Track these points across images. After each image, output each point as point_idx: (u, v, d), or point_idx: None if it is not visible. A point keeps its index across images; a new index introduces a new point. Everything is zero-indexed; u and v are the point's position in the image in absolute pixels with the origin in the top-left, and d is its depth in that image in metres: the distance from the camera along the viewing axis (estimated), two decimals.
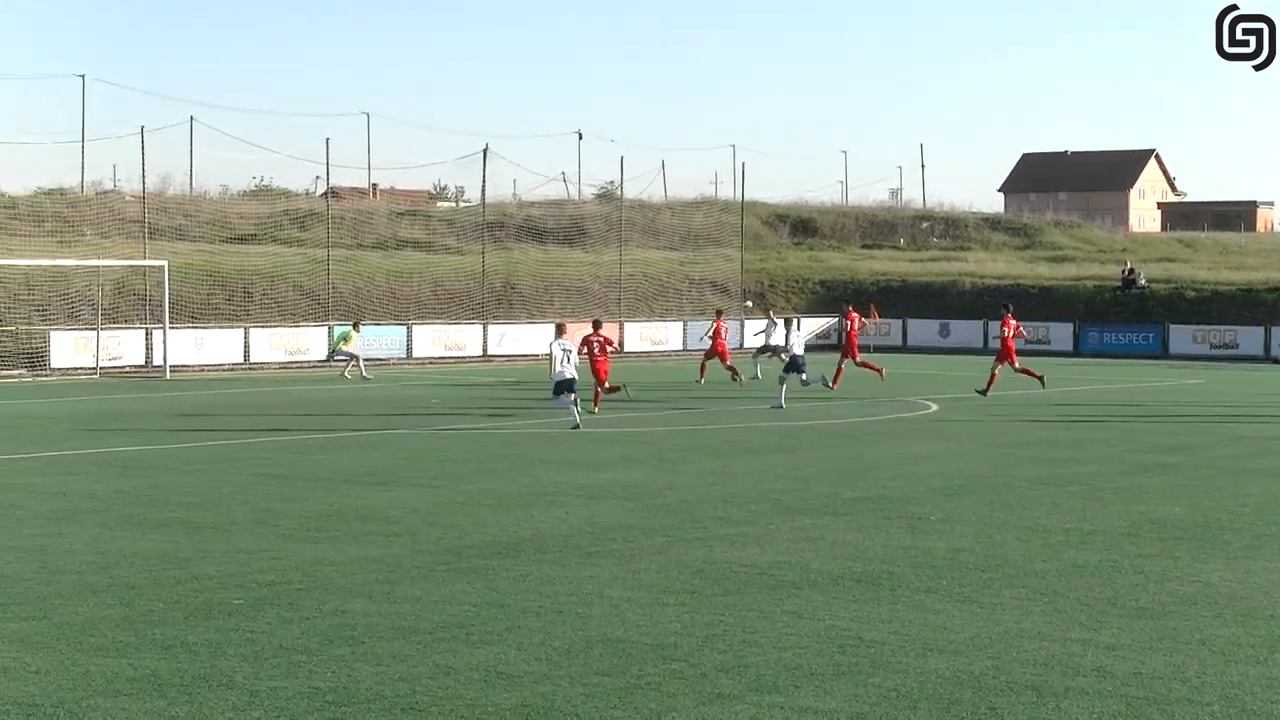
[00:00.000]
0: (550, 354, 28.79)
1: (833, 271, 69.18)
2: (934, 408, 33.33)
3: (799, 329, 34.67)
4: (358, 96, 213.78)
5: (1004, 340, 36.79)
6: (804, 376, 33.27)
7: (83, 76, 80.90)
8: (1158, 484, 20.65)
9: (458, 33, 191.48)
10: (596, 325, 32.55)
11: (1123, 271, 64.78)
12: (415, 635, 11.37)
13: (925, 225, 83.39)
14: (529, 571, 13.88)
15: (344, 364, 44.25)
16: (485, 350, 53.63)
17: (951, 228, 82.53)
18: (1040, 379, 37.01)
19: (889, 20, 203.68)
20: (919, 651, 10.97)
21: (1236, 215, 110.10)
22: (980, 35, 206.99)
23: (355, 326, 45.63)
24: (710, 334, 42.19)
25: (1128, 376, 45.95)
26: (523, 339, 54.80)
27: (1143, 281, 63.43)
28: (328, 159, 56.80)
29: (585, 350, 30.85)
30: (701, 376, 41.00)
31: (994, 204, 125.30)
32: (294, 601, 12.53)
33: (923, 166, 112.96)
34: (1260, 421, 31.37)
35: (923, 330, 61.93)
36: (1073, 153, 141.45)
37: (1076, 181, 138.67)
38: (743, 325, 57.95)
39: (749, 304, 62.15)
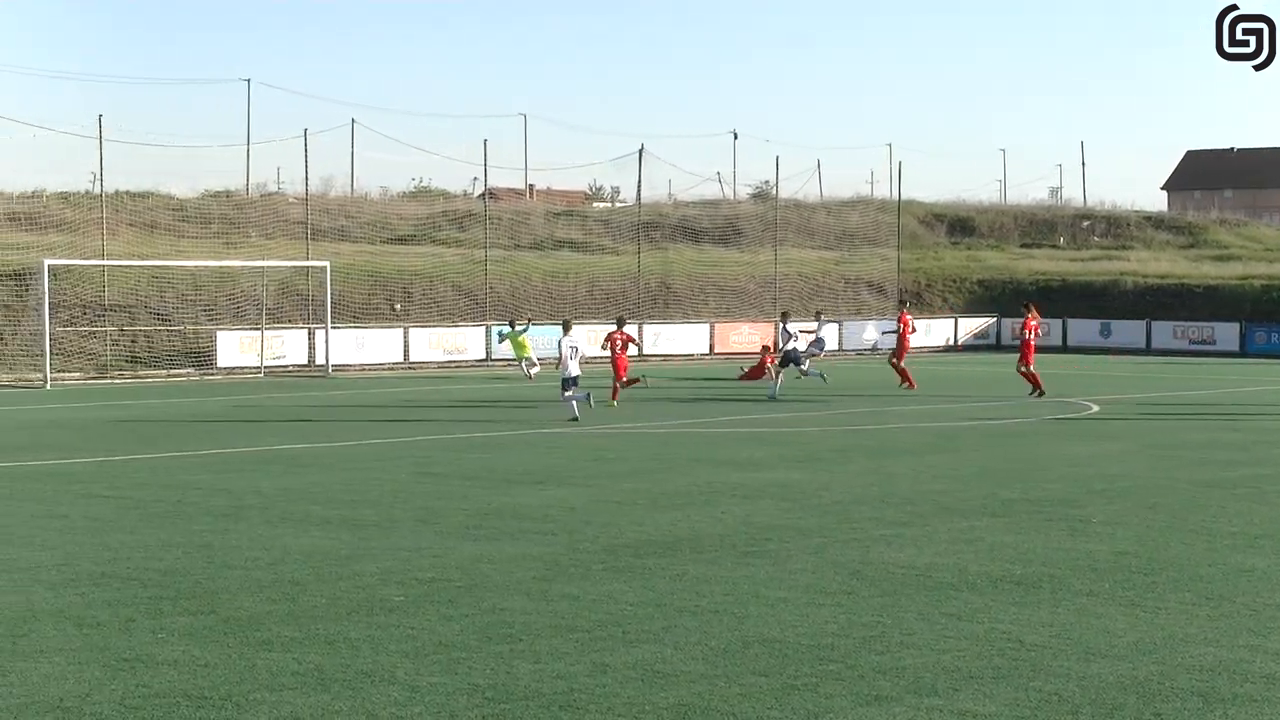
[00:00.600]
0: (560, 352, 30.68)
1: (991, 271, 68.37)
2: (1095, 408, 32.83)
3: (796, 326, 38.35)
4: (515, 98, 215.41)
5: (1024, 340, 36.31)
6: (804, 367, 36.97)
7: (248, 81, 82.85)
8: None
9: (614, 33, 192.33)
10: (620, 323, 35.55)
11: None
12: (573, 633, 11.44)
13: (1086, 224, 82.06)
14: (685, 571, 13.91)
15: (526, 366, 44.01)
16: (640, 350, 53.72)
17: (1113, 226, 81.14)
18: (1040, 391, 35.07)
19: (1048, 18, 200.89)
20: (1081, 656, 10.82)
21: None
22: (1143, 31, 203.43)
23: (511, 324, 45.94)
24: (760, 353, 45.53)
25: None
26: (678, 338, 54.85)
27: None
28: (485, 160, 57.32)
29: (609, 346, 33.58)
30: (745, 376, 42.31)
31: (1157, 202, 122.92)
32: (453, 599, 12.68)
33: (1083, 164, 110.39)
34: None
35: (1083, 330, 60.98)
36: (1239, 150, 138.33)
37: (1243, 179, 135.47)
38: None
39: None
